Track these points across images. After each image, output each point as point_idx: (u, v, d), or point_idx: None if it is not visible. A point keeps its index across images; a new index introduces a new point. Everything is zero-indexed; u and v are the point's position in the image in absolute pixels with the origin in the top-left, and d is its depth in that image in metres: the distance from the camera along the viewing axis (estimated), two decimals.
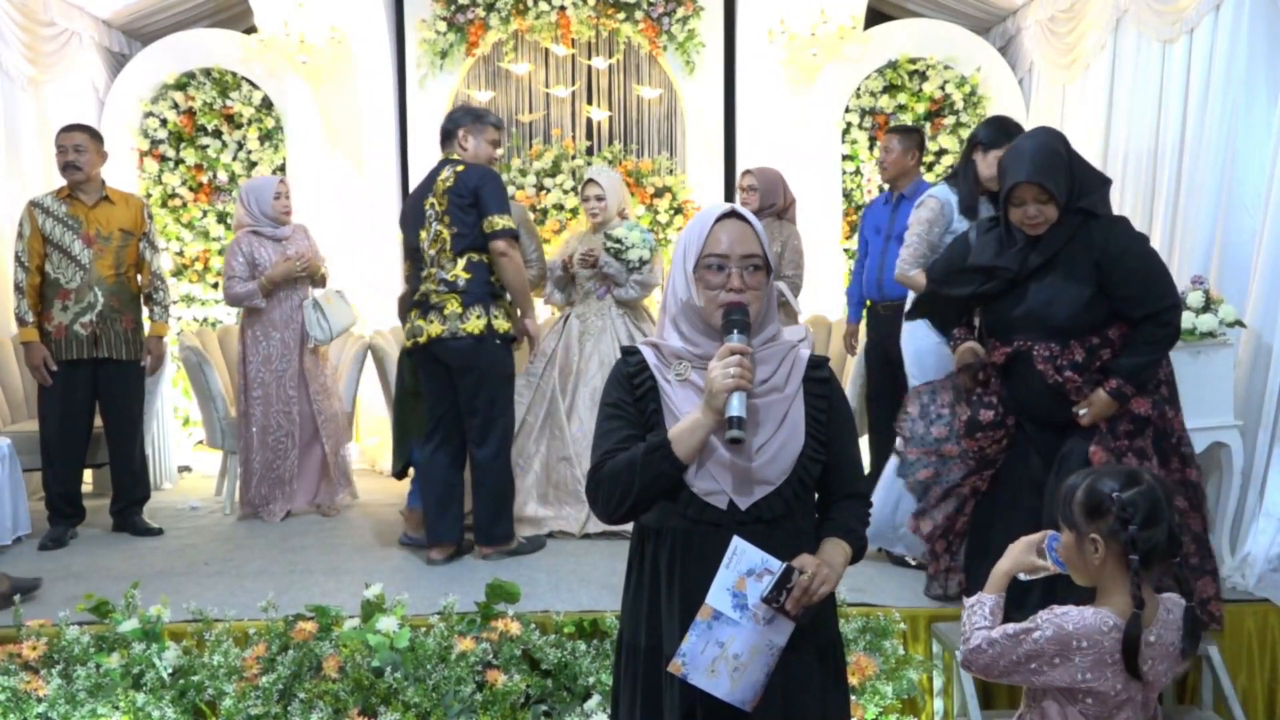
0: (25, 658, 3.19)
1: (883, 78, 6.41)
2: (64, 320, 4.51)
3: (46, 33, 5.73)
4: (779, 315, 4.99)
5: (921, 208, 3.86)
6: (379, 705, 3.06)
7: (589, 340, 4.70)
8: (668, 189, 6.47)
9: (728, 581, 1.73)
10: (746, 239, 1.80)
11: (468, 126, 4.17)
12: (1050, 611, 1.92)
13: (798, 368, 1.85)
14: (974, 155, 3.70)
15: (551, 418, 4.68)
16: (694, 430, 1.75)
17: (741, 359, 1.70)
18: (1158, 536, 1.87)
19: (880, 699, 3.14)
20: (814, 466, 1.82)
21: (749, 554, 1.73)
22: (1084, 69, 5.51)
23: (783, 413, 1.80)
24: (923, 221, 3.84)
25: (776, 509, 1.79)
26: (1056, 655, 1.88)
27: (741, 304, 1.77)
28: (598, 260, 4.67)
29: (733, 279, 1.78)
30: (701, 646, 1.72)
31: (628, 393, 1.86)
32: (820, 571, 1.74)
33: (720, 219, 1.82)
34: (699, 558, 1.78)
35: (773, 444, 1.79)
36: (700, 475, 1.78)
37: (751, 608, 1.72)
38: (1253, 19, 3.99)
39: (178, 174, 6.36)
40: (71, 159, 4.50)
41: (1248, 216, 3.93)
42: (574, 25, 6.43)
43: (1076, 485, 1.95)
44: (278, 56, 6.26)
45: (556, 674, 3.18)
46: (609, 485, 1.80)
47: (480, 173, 4.09)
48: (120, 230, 4.61)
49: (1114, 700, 1.88)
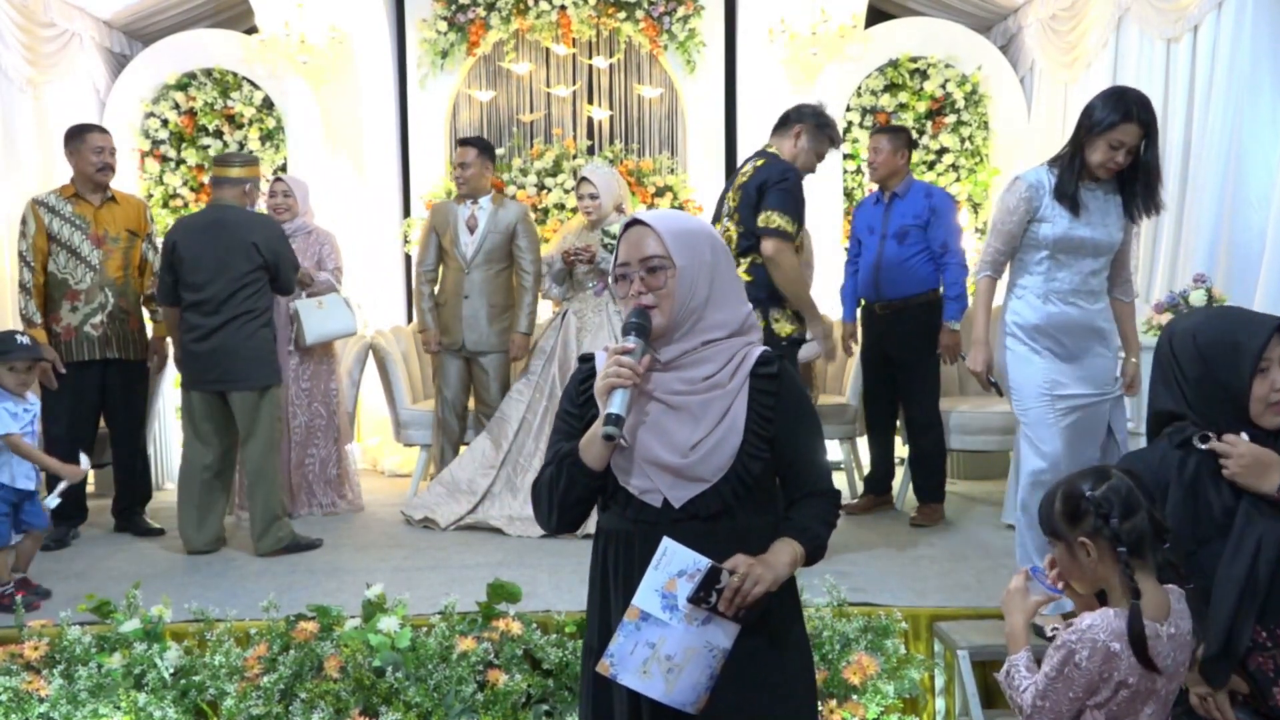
0: (27, 658, 3.19)
1: (884, 76, 6.40)
2: (73, 322, 4.51)
3: (46, 34, 5.73)
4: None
5: (1007, 191, 3.30)
6: (380, 705, 3.06)
7: (586, 336, 4.72)
8: (669, 188, 6.46)
9: (656, 582, 1.71)
10: (643, 243, 1.80)
11: (806, 125, 3.89)
12: (1070, 631, 1.89)
13: (745, 364, 1.83)
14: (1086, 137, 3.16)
15: (552, 414, 4.69)
16: (594, 437, 1.78)
17: (622, 359, 1.73)
18: (1141, 525, 1.87)
19: (882, 698, 3.13)
20: (754, 464, 1.79)
21: (679, 554, 1.71)
22: (1086, 67, 5.51)
23: (723, 409, 1.79)
24: (1004, 209, 3.29)
25: (713, 506, 1.78)
26: (1102, 668, 1.86)
27: (644, 306, 1.79)
28: (594, 256, 4.68)
29: (635, 283, 1.80)
30: (630, 647, 1.71)
31: (572, 400, 1.91)
32: (753, 571, 1.71)
33: (624, 231, 1.85)
34: (640, 557, 1.77)
35: (708, 441, 1.77)
36: (636, 474, 1.79)
37: (682, 609, 1.70)
38: (1256, 16, 3.99)
39: (179, 174, 6.36)
40: (110, 161, 4.56)
41: (1254, 213, 3.93)
42: (575, 25, 6.43)
43: (1052, 499, 1.97)
44: (278, 57, 6.26)
45: (558, 674, 3.18)
46: (538, 498, 1.87)
47: (781, 168, 3.79)
48: (126, 231, 4.63)
49: (1141, 696, 1.87)
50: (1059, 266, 3.24)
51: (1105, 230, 3.21)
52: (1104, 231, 3.21)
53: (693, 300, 1.80)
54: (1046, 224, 3.20)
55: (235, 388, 4.24)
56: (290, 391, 4.91)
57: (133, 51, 6.52)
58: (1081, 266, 3.24)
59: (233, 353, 4.21)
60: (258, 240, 4.22)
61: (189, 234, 4.27)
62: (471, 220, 5.03)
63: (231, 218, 4.28)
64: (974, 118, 6.34)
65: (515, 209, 5.07)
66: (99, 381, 4.60)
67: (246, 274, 4.21)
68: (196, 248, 4.23)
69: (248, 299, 4.22)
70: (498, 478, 4.72)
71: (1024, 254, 3.30)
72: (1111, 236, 3.22)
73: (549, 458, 1.88)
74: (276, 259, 4.28)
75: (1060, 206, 3.17)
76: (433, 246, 5.09)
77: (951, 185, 6.28)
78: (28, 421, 3.66)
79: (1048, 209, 3.20)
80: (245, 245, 4.21)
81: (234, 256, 4.20)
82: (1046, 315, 3.24)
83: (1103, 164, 3.11)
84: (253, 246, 4.21)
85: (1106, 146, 3.08)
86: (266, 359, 4.28)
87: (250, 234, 4.23)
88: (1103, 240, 3.21)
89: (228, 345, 4.20)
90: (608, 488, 1.84)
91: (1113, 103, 3.08)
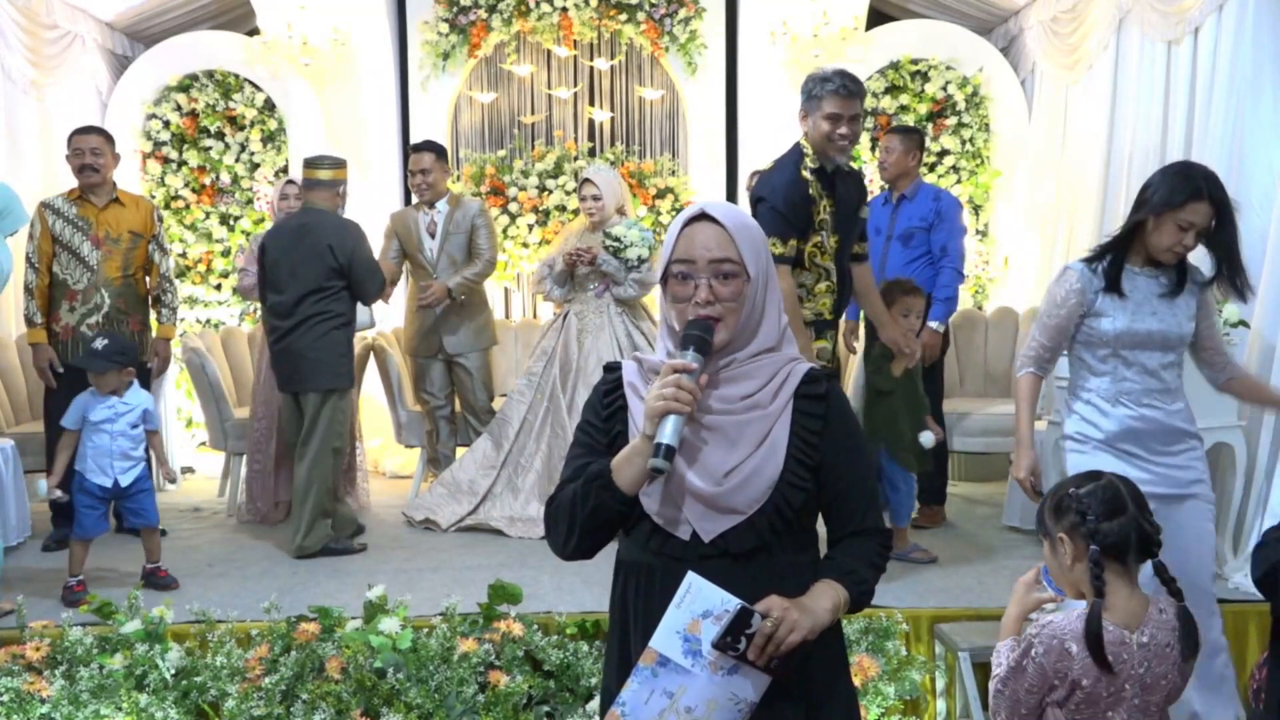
0: (29, 659, 3.20)
1: (885, 78, 6.40)
2: (71, 322, 4.52)
3: (49, 35, 5.74)
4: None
5: (1056, 282, 2.91)
6: (381, 706, 3.06)
7: (587, 338, 4.72)
8: (670, 190, 6.46)
9: (678, 623, 1.50)
10: (717, 243, 1.57)
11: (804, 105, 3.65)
12: (1034, 625, 1.92)
13: (789, 383, 1.61)
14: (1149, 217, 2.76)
15: (553, 415, 4.70)
16: (631, 457, 1.56)
17: (680, 379, 1.51)
18: (1123, 529, 1.88)
19: (883, 700, 3.14)
20: (795, 494, 1.58)
21: (706, 592, 1.50)
22: (1087, 69, 5.51)
23: (763, 432, 1.58)
24: (1053, 301, 2.89)
25: (747, 542, 1.57)
26: (1056, 665, 1.87)
27: (708, 317, 1.57)
28: (596, 258, 4.69)
29: (700, 290, 1.57)
30: (645, 696, 1.50)
31: (596, 413, 1.70)
32: (789, 616, 1.49)
33: (689, 222, 1.60)
34: (662, 594, 1.55)
35: (745, 467, 1.56)
36: (664, 502, 1.59)
37: (706, 655, 1.49)
38: (1257, 18, 3.98)
39: (180, 176, 6.37)
40: (89, 161, 4.52)
41: (1255, 216, 3.92)
42: (576, 26, 6.43)
43: (1047, 496, 1.99)
44: (280, 58, 6.27)
45: (559, 675, 3.18)
46: (556, 519, 1.64)
47: (761, 187, 3.64)
48: (130, 232, 4.63)
49: (1105, 700, 1.87)
50: (1126, 364, 2.82)
51: (1174, 319, 2.81)
52: (1172, 321, 2.80)
53: (754, 314, 1.60)
54: (1106, 318, 2.80)
55: (300, 389, 4.31)
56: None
57: (135, 53, 6.53)
58: (1151, 362, 2.82)
59: (299, 355, 4.27)
60: (333, 244, 4.25)
61: (277, 237, 4.36)
62: (431, 225, 5.07)
63: (314, 221, 4.33)
64: (975, 120, 6.34)
65: (472, 206, 5.13)
66: None
67: (320, 278, 4.25)
68: (278, 251, 4.32)
69: (319, 302, 4.25)
70: (498, 479, 4.72)
71: (1083, 353, 2.89)
72: (1181, 327, 2.81)
73: (570, 474, 1.66)
74: (351, 263, 4.29)
75: (1117, 297, 2.79)
76: (395, 243, 5.13)
77: (952, 187, 6.27)
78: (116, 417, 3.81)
79: (1104, 301, 2.81)
80: (320, 249, 4.25)
81: (310, 260, 4.25)
82: (1120, 421, 2.82)
83: (1170, 248, 2.74)
84: (328, 250, 4.25)
85: (1175, 228, 2.71)
86: (334, 363, 4.29)
87: (326, 238, 4.26)
88: (1171, 332, 2.80)
89: (295, 347, 4.27)
90: (631, 513, 1.62)
91: (1178, 179, 2.72)
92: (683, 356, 1.54)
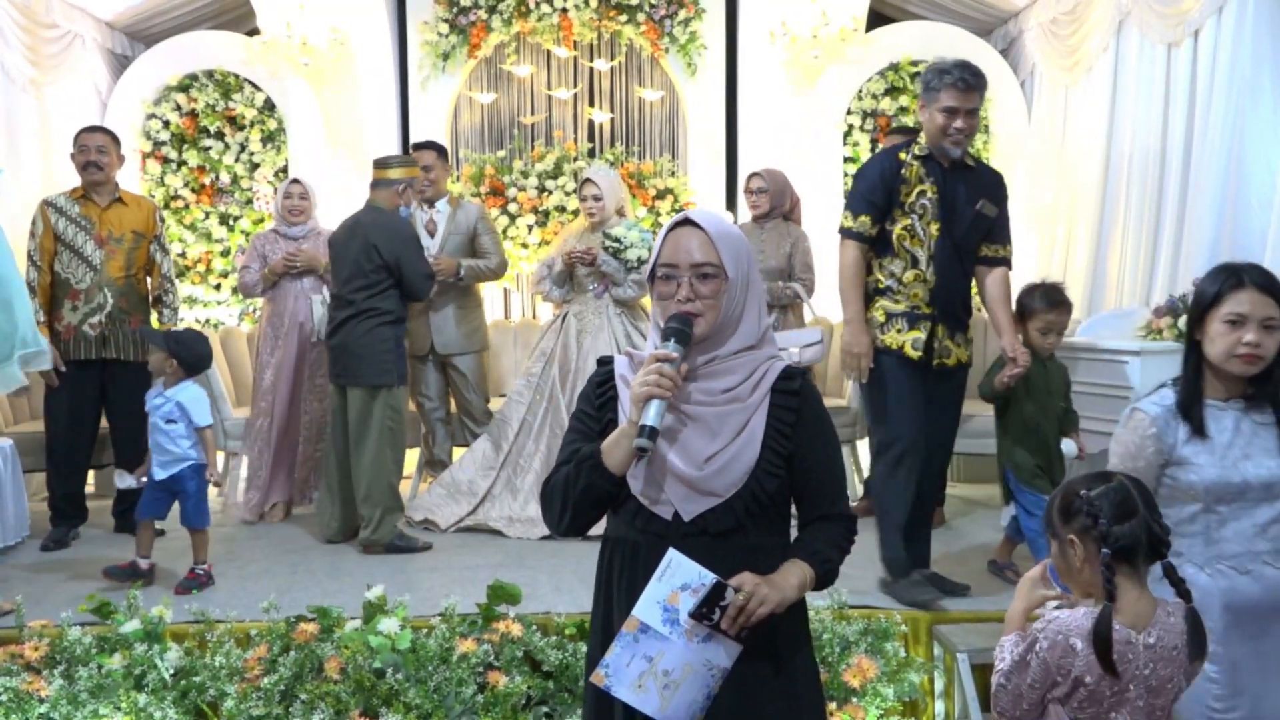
0: (27, 658, 3.19)
1: (884, 80, 6.41)
2: (73, 321, 4.53)
3: (48, 34, 5.75)
4: (786, 318, 5.04)
5: (1124, 428, 2.35)
6: (380, 706, 3.06)
7: (587, 338, 4.73)
8: (670, 191, 6.47)
9: (659, 594, 1.67)
10: (698, 247, 1.74)
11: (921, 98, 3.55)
12: (1040, 621, 1.92)
13: (767, 379, 1.77)
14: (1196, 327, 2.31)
15: (552, 416, 4.70)
16: (619, 440, 1.73)
17: (662, 367, 1.67)
18: (1134, 532, 1.87)
19: (881, 701, 3.14)
20: (769, 481, 1.74)
21: (685, 567, 1.66)
22: (1086, 71, 5.52)
23: (741, 423, 1.74)
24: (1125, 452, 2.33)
25: (725, 522, 1.73)
26: (1060, 662, 1.87)
27: (688, 313, 1.73)
28: (595, 258, 4.69)
29: (682, 288, 1.74)
30: (627, 659, 1.67)
31: (590, 403, 1.86)
32: (759, 591, 1.66)
33: (673, 228, 1.79)
34: (646, 568, 1.72)
35: (724, 454, 1.72)
36: (649, 484, 1.75)
37: (683, 624, 1.65)
38: (1256, 20, 4.00)
39: (180, 175, 6.37)
40: (94, 159, 4.55)
41: (1255, 216, 3.93)
42: (576, 27, 6.43)
43: (1055, 495, 1.98)
44: (280, 58, 6.27)
45: (558, 675, 3.18)
46: (550, 498, 1.81)
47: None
48: (132, 232, 4.64)
49: (1109, 700, 1.87)
50: (1221, 522, 2.28)
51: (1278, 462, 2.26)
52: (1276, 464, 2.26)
53: (733, 311, 1.76)
54: (1191, 467, 2.27)
55: (347, 382, 4.36)
56: (303, 387, 4.94)
57: (134, 53, 6.53)
58: (1256, 517, 2.27)
59: (347, 349, 4.33)
60: (379, 243, 4.29)
61: (340, 233, 4.46)
62: (430, 225, 5.07)
63: (367, 220, 4.39)
64: None
65: (473, 209, 5.14)
66: (98, 381, 4.60)
67: (368, 274, 4.30)
68: (337, 246, 4.42)
69: (369, 298, 4.30)
70: (498, 479, 4.72)
71: (1168, 509, 2.25)
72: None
73: (564, 457, 1.82)
74: (398, 261, 4.32)
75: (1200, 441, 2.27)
76: None
77: None
78: (155, 408, 3.86)
79: (1187, 447, 2.27)
80: (368, 246, 4.30)
81: (360, 257, 4.32)
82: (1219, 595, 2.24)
83: (1229, 353, 2.23)
84: (373, 249, 4.29)
85: (1224, 328, 2.23)
86: (381, 358, 4.31)
87: (373, 236, 4.31)
88: (1274, 478, 2.26)
89: (344, 341, 4.33)
90: (619, 493, 1.79)
91: (1211, 275, 2.31)
92: (665, 347, 1.70)
